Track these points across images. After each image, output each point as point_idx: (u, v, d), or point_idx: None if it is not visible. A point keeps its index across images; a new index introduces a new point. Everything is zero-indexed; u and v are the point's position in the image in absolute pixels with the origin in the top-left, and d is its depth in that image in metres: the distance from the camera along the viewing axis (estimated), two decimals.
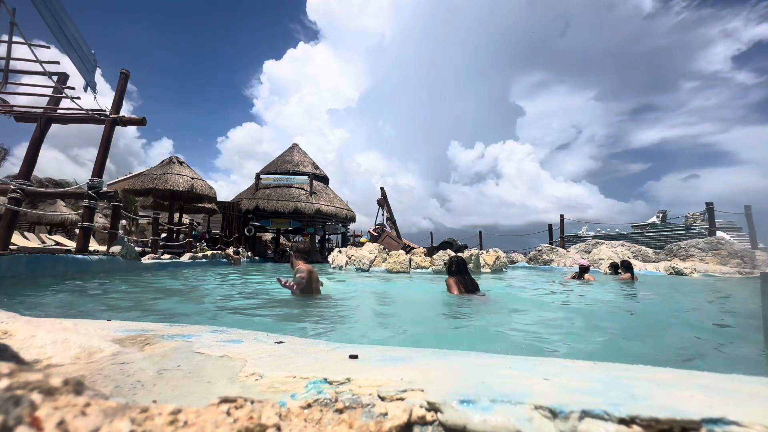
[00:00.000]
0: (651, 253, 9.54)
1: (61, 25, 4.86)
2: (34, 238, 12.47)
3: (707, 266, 7.93)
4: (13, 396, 0.33)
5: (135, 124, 6.75)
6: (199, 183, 12.29)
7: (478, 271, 8.08)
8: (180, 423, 0.38)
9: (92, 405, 0.36)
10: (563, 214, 12.52)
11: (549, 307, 3.52)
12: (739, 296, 4.59)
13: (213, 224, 17.59)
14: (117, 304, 3.06)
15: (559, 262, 10.11)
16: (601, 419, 0.43)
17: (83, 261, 4.93)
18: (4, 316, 0.96)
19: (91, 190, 5.94)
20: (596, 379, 0.63)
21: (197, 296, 3.88)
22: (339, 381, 0.58)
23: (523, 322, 2.67)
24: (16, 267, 3.89)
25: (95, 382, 0.66)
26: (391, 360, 0.80)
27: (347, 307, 3.13)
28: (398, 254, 8.44)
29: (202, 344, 0.92)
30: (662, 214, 55.91)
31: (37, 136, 6.10)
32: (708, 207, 11.10)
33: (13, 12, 5.01)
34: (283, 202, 16.26)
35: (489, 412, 0.45)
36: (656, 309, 3.59)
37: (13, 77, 6.10)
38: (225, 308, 3.07)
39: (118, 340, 0.91)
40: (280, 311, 2.82)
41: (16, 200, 5.05)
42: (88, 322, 1.14)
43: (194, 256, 8.77)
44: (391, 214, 14.67)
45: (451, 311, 3.08)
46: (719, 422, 0.41)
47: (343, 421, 0.47)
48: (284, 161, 18.63)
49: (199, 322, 2.38)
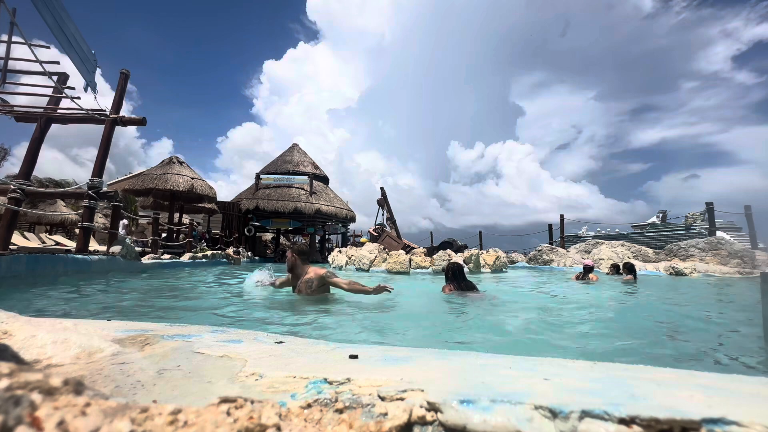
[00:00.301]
0: (651, 253, 9.55)
1: (61, 25, 4.87)
2: (34, 238, 12.48)
3: (707, 266, 7.94)
4: (13, 396, 0.33)
5: (135, 124, 6.75)
6: (199, 183, 12.30)
7: (478, 271, 8.08)
8: (180, 423, 0.38)
9: (92, 405, 0.36)
10: (563, 214, 12.54)
11: (550, 306, 3.52)
12: (739, 296, 4.59)
13: (213, 224, 17.60)
14: (117, 304, 3.06)
15: (559, 262, 10.11)
16: (601, 419, 0.43)
17: (83, 261, 4.93)
18: (4, 316, 0.96)
19: (91, 190, 5.94)
20: (596, 379, 0.63)
21: (197, 296, 3.88)
22: (339, 381, 0.58)
23: (524, 321, 2.67)
24: (16, 267, 3.89)
25: (95, 382, 0.66)
26: (391, 360, 0.80)
27: (347, 308, 3.13)
28: (398, 254, 8.44)
29: (202, 344, 0.92)
30: (662, 214, 55.95)
31: (37, 136, 6.11)
32: (708, 207, 11.11)
33: (14, 12, 5.01)
34: (283, 202, 16.27)
35: (489, 412, 0.45)
36: (656, 308, 3.59)
37: (12, 77, 6.11)
38: (225, 308, 3.07)
39: (118, 340, 0.91)
40: (280, 311, 2.82)
41: (16, 200, 5.05)
42: (88, 322, 1.14)
43: (194, 256, 8.78)
44: (391, 214, 14.67)
45: (451, 310, 3.08)
46: (719, 422, 0.41)
47: (343, 421, 0.47)
48: (284, 161, 18.64)
49: (199, 322, 2.38)
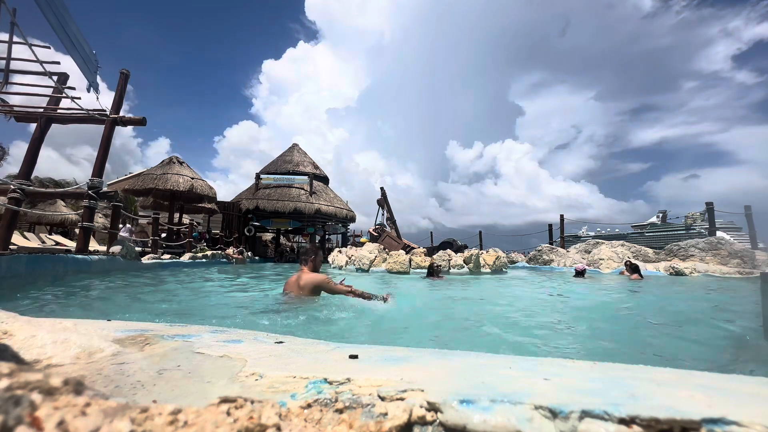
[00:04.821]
0: (651, 253, 9.54)
1: (64, 26, 4.87)
2: (34, 238, 12.48)
3: (707, 266, 7.93)
4: (13, 396, 0.33)
5: (135, 124, 6.75)
6: (199, 183, 12.30)
7: (478, 271, 8.08)
8: (180, 423, 0.38)
9: (92, 405, 0.36)
10: (563, 214, 12.53)
11: (551, 306, 3.52)
12: (739, 296, 4.59)
13: (213, 224, 17.60)
14: (117, 304, 3.06)
15: (559, 262, 10.11)
16: (601, 419, 0.43)
17: (83, 261, 4.93)
18: (4, 316, 0.96)
19: (91, 190, 5.94)
20: (596, 379, 0.63)
21: (197, 296, 3.88)
22: (339, 381, 0.58)
23: (524, 321, 2.67)
24: (16, 267, 3.89)
25: (95, 382, 0.66)
26: (391, 360, 0.80)
27: (347, 308, 3.13)
28: (398, 254, 8.43)
29: (202, 344, 0.92)
30: (662, 214, 55.95)
31: (37, 136, 6.10)
32: (708, 207, 11.10)
33: (14, 12, 5.01)
34: (283, 202, 16.27)
35: (489, 412, 0.45)
36: (656, 309, 3.59)
37: (13, 77, 6.11)
38: (224, 308, 3.07)
39: (118, 340, 0.91)
40: (280, 312, 2.82)
41: (16, 200, 5.05)
42: (88, 322, 1.14)
43: (194, 256, 8.78)
44: (391, 214, 14.68)
45: (442, 300, 3.08)
46: (719, 422, 0.41)
47: (343, 421, 0.47)
48: (284, 161, 18.63)
49: (199, 322, 2.38)
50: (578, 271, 6.69)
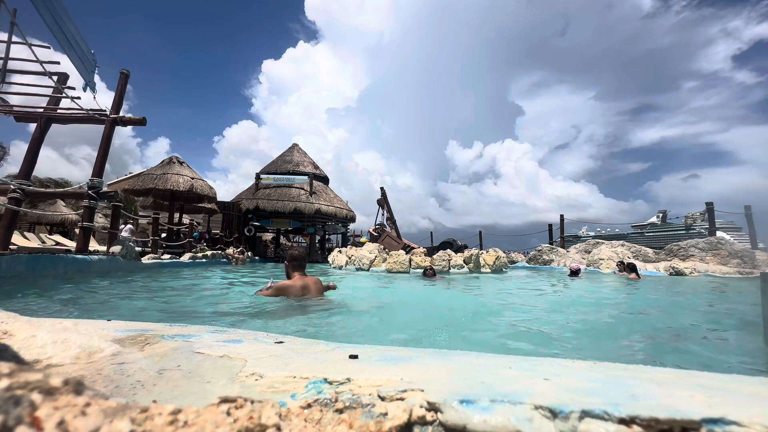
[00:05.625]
0: (651, 253, 9.54)
1: (60, 26, 4.86)
2: (34, 238, 12.48)
3: (707, 266, 7.93)
4: (13, 396, 0.33)
5: (135, 124, 6.75)
6: (199, 183, 12.30)
7: (478, 270, 8.08)
8: (180, 423, 0.38)
9: (92, 405, 0.36)
10: (563, 214, 12.54)
11: (550, 306, 3.52)
12: (738, 295, 4.59)
13: (213, 224, 17.60)
14: (117, 304, 3.06)
15: (559, 262, 10.11)
16: (601, 419, 0.43)
17: (83, 261, 4.93)
18: (4, 316, 0.96)
19: (91, 190, 5.94)
20: (596, 379, 0.63)
21: (197, 296, 3.88)
22: (339, 381, 0.58)
23: (524, 321, 2.67)
24: (16, 267, 3.89)
25: (95, 382, 0.66)
26: (391, 360, 0.80)
27: (347, 308, 3.13)
28: (398, 254, 8.44)
29: (202, 344, 0.92)
30: (662, 214, 55.93)
31: (37, 136, 6.10)
32: (708, 207, 11.11)
33: (14, 12, 5.01)
34: (283, 202, 16.26)
35: (489, 412, 0.45)
36: (656, 308, 3.59)
37: (13, 77, 6.10)
38: (224, 308, 3.07)
39: (118, 340, 0.91)
40: (280, 312, 2.82)
41: (16, 200, 5.05)
42: (88, 322, 1.14)
43: (194, 256, 8.78)
44: (391, 214, 14.67)
45: (439, 300, 3.08)
46: (719, 422, 0.41)
47: (343, 421, 0.47)
48: (284, 161, 18.63)
49: (199, 322, 2.38)
50: (573, 270, 6.74)
